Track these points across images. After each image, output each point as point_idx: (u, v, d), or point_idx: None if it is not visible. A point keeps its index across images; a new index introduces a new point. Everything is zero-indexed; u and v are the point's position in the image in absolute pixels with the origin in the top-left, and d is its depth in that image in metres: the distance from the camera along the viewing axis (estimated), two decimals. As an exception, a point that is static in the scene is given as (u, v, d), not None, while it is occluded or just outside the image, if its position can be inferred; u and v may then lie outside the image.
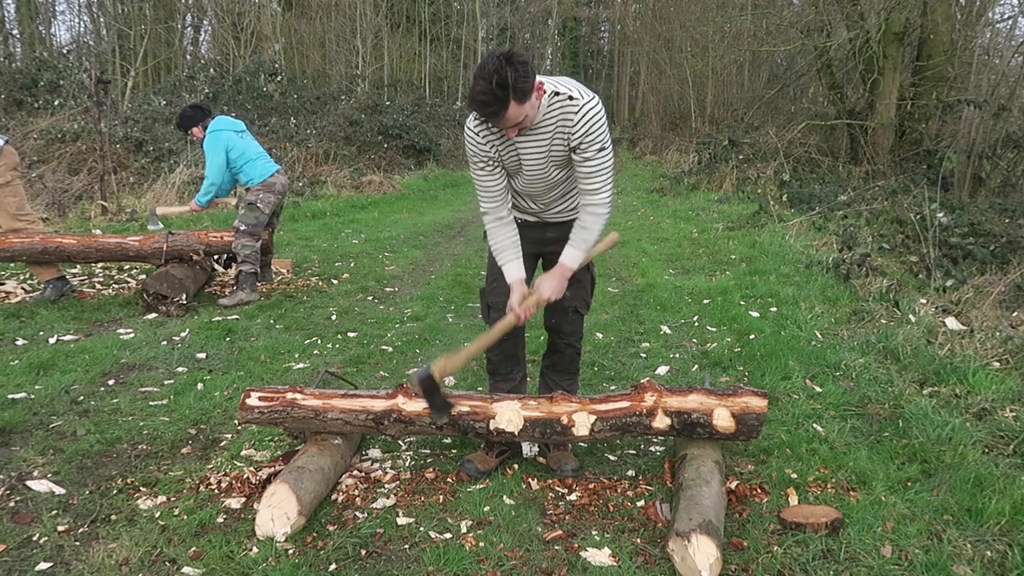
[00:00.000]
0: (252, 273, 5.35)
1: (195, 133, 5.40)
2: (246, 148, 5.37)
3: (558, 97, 2.46)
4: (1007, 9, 15.56)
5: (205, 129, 5.32)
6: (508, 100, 2.26)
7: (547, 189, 2.69)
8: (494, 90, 2.23)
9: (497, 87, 2.22)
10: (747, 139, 13.41)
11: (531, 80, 2.30)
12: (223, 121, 5.38)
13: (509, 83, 2.22)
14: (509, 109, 2.28)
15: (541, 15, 34.50)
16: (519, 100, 2.28)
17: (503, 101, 2.26)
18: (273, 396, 2.73)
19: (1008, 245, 5.92)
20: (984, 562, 2.20)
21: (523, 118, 2.36)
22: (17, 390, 3.57)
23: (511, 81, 2.22)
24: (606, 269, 6.54)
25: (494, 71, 2.21)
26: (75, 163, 9.84)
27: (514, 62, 2.23)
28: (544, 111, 2.46)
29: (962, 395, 3.39)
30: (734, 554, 2.26)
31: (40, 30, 19.30)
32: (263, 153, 5.52)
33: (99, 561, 2.22)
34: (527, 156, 2.57)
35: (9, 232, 5.15)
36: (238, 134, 5.38)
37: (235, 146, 5.31)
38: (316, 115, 15.41)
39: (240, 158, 5.33)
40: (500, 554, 2.28)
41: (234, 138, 5.32)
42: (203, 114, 5.40)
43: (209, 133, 5.28)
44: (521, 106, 2.31)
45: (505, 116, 2.31)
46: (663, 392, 2.65)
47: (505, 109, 2.28)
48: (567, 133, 2.49)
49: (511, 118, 2.32)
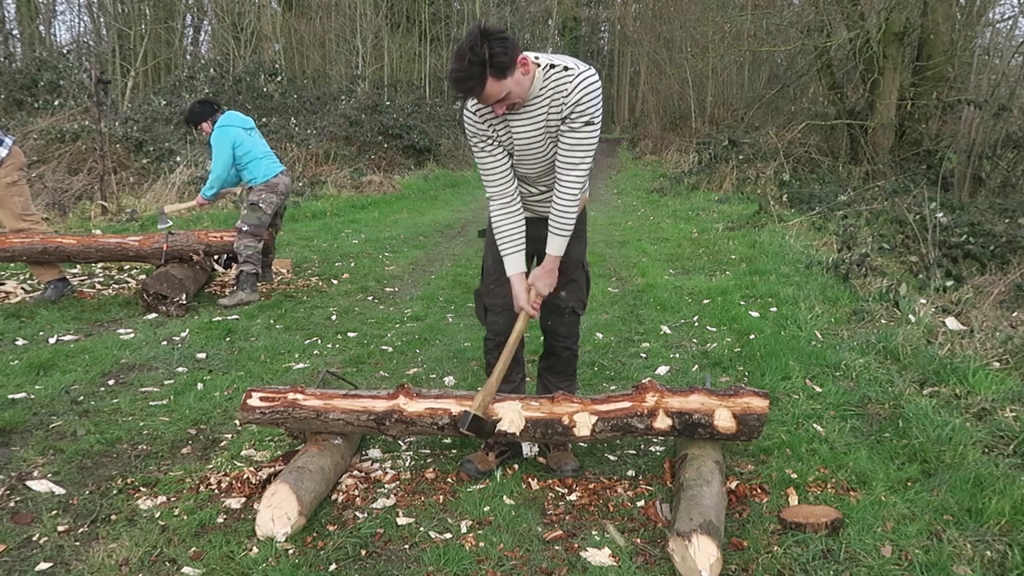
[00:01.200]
0: (253, 273, 5.35)
1: (204, 128, 5.41)
2: (253, 146, 5.37)
3: (554, 69, 2.40)
4: (1007, 9, 15.56)
5: (214, 124, 5.33)
6: (485, 76, 2.22)
7: (544, 171, 2.62)
8: (468, 67, 2.19)
9: (472, 64, 2.19)
10: (747, 139, 13.41)
11: (511, 54, 2.24)
12: (233, 117, 5.38)
13: (485, 59, 2.18)
14: (487, 85, 2.24)
15: (541, 15, 34.50)
16: (497, 76, 2.24)
17: (479, 78, 2.22)
18: (274, 396, 2.73)
19: (1008, 245, 5.92)
20: (984, 562, 2.20)
21: (506, 94, 2.30)
22: (17, 390, 3.57)
23: (487, 57, 2.18)
24: (606, 269, 6.54)
25: (470, 47, 2.18)
26: (75, 163, 9.84)
27: (491, 37, 2.19)
28: (539, 86, 2.41)
29: (962, 395, 3.39)
30: (734, 554, 2.26)
31: (40, 30, 19.31)
32: (269, 153, 5.51)
33: (99, 561, 2.22)
34: (519, 134, 2.50)
35: (12, 232, 5.15)
36: (246, 131, 5.38)
37: (242, 143, 5.30)
38: (316, 115, 15.41)
39: (246, 155, 5.33)
40: (500, 554, 2.28)
41: (242, 135, 5.32)
42: (212, 109, 5.41)
43: (217, 128, 5.29)
44: (501, 82, 2.26)
45: (484, 93, 2.26)
46: (664, 392, 2.65)
47: (482, 86, 2.24)
48: (561, 103, 2.41)
49: (491, 95, 2.28)
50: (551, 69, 2.40)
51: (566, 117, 2.42)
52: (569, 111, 2.41)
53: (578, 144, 2.45)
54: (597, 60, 43.34)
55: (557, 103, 2.42)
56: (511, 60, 2.25)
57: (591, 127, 2.43)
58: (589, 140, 2.45)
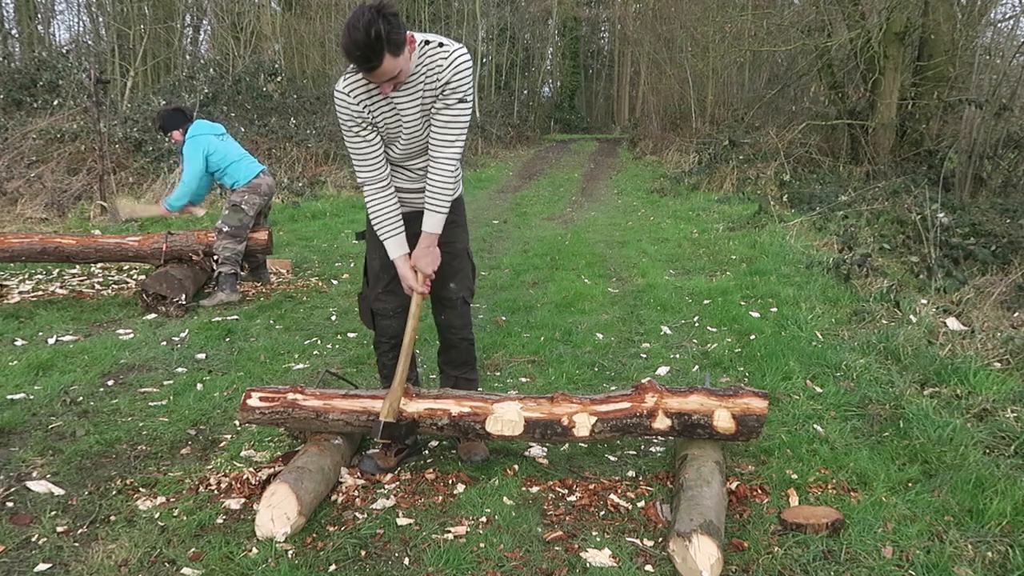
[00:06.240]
0: (232, 274, 5.32)
1: (175, 136, 5.36)
2: (228, 150, 5.32)
3: (428, 45, 2.44)
4: (1008, 9, 15.56)
5: (185, 133, 5.29)
6: (383, 53, 2.24)
7: (418, 151, 2.64)
8: (371, 42, 2.20)
9: (375, 39, 2.20)
10: (747, 139, 13.39)
11: (403, 32, 2.28)
12: (202, 125, 5.32)
13: (383, 35, 2.20)
14: (384, 62, 2.26)
15: (541, 15, 34.47)
16: (394, 53, 2.27)
17: (380, 54, 2.23)
18: (274, 397, 2.72)
19: (1009, 245, 5.92)
20: (985, 563, 2.20)
21: (398, 72, 2.34)
22: (16, 391, 3.57)
23: (384, 33, 2.20)
24: (606, 269, 6.54)
25: (369, 22, 2.18)
26: (74, 163, 9.83)
27: (385, 14, 2.21)
28: (415, 62, 2.44)
29: (963, 396, 3.39)
30: (735, 555, 2.26)
31: (39, 30, 19.29)
32: (246, 154, 5.46)
33: (98, 562, 2.22)
34: (405, 111, 2.52)
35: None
36: (218, 137, 5.32)
37: (216, 149, 5.26)
38: (316, 115, 15.38)
39: (222, 160, 5.29)
40: (500, 555, 2.28)
41: (215, 142, 5.27)
42: (185, 118, 5.36)
43: (189, 138, 5.22)
44: (396, 59, 2.29)
45: (380, 69, 2.28)
46: (664, 393, 2.64)
47: (381, 62, 2.26)
48: (436, 78, 2.46)
49: (387, 71, 2.30)
50: (426, 45, 2.45)
51: (439, 93, 2.47)
52: (443, 88, 2.46)
53: (453, 120, 2.51)
54: (597, 60, 43.33)
55: (432, 79, 2.46)
56: (403, 37, 2.29)
57: (464, 104, 2.49)
58: (463, 117, 2.51)
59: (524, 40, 32.17)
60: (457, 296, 2.86)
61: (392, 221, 2.67)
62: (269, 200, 5.66)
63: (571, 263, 6.72)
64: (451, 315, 2.90)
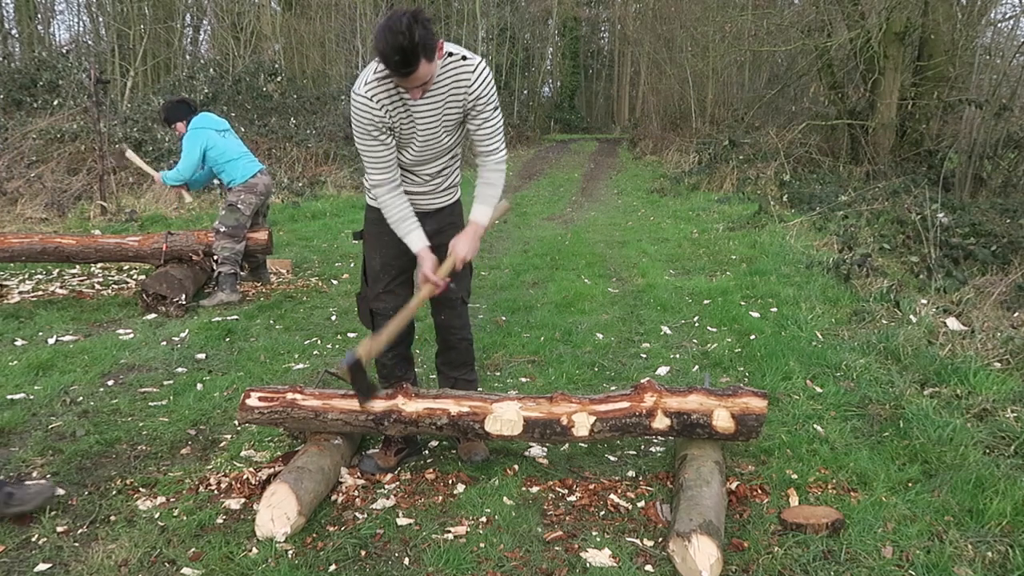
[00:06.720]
0: (232, 274, 5.32)
1: (178, 128, 5.39)
2: (227, 147, 5.33)
3: (451, 57, 2.47)
4: (1008, 9, 15.55)
5: (188, 125, 5.31)
6: (420, 57, 2.25)
7: (436, 156, 2.68)
8: (411, 46, 2.21)
9: (415, 43, 2.21)
10: (747, 139, 13.39)
11: (436, 39, 2.31)
12: (206, 119, 5.35)
13: (421, 40, 2.22)
14: (420, 67, 2.28)
15: (541, 15, 34.45)
16: (428, 58, 2.29)
17: (417, 59, 2.25)
18: (273, 396, 2.72)
19: (1009, 245, 5.92)
20: (985, 563, 2.20)
21: (429, 78, 2.36)
22: (16, 391, 3.57)
23: (421, 39, 2.22)
24: (606, 269, 6.54)
25: (409, 26, 2.20)
26: (74, 163, 9.83)
27: (421, 20, 2.23)
28: (438, 72, 2.45)
29: (963, 396, 3.39)
30: (735, 555, 2.26)
31: (39, 30, 19.29)
32: (246, 152, 5.47)
33: (98, 562, 2.22)
34: (421, 119, 2.55)
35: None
36: (220, 133, 5.33)
37: (215, 145, 5.26)
38: (316, 115, 15.37)
39: (221, 157, 5.30)
40: (500, 555, 2.28)
41: (215, 137, 5.28)
42: (188, 110, 5.39)
43: (191, 129, 5.26)
44: (430, 65, 2.32)
45: (415, 74, 2.30)
46: (663, 392, 2.64)
47: (417, 67, 2.27)
48: (463, 93, 2.51)
49: (420, 76, 2.32)
50: (449, 57, 2.48)
51: (472, 108, 2.55)
52: (474, 103, 2.54)
53: (495, 129, 2.64)
54: (597, 60, 43.31)
55: (458, 92, 2.51)
56: (436, 44, 2.32)
57: (498, 110, 2.63)
58: (501, 122, 2.67)
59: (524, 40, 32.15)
60: (457, 296, 2.87)
61: (411, 218, 2.69)
62: (266, 200, 5.65)
63: (571, 263, 6.72)
64: (450, 315, 2.92)
